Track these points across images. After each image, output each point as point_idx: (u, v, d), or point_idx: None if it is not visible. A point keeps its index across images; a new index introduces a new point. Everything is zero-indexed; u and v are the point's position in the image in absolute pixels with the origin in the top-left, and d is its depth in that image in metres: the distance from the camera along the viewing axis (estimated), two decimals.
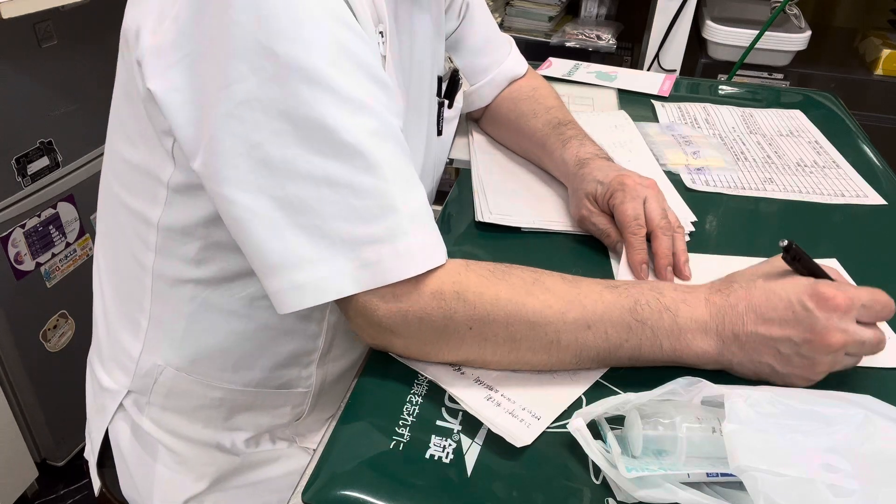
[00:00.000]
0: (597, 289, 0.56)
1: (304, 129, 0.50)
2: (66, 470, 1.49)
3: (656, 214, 0.70)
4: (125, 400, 0.72)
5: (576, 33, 1.77)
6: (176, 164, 0.59)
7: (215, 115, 0.51)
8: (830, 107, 1.17)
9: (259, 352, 0.69)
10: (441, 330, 0.54)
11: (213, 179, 0.53)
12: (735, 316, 0.55)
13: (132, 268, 0.67)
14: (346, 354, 0.74)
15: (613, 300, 0.56)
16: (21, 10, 1.08)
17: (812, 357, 0.53)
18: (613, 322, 0.55)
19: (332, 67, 0.50)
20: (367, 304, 0.53)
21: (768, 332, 0.54)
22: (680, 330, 0.55)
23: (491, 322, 0.54)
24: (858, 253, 0.76)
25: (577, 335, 0.55)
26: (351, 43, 0.52)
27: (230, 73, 0.50)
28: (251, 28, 0.48)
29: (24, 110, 1.24)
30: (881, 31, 1.75)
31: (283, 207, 0.51)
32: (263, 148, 0.50)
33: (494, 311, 0.54)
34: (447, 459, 0.50)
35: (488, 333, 0.54)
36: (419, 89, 0.73)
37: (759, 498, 0.42)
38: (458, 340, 0.54)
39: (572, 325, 0.54)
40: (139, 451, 0.73)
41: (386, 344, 0.56)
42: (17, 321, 1.30)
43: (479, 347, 0.55)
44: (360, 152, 0.51)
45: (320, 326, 0.69)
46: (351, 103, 0.51)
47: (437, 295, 0.53)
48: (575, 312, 0.54)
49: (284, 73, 0.49)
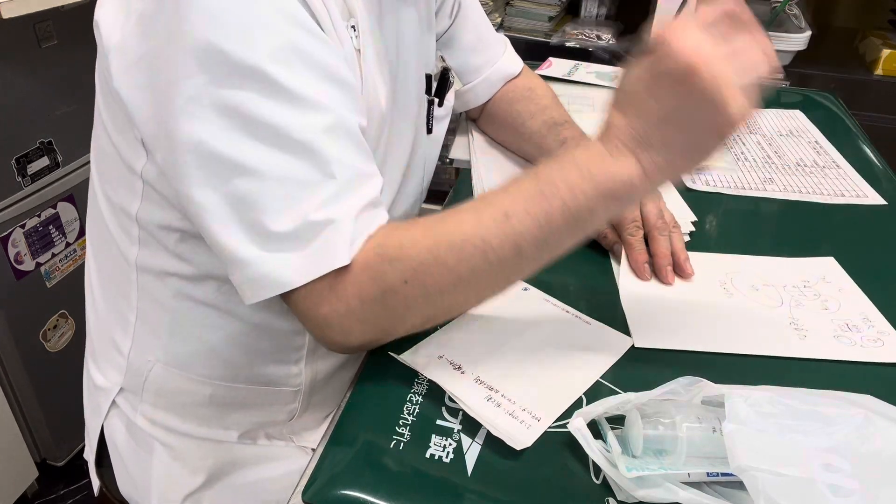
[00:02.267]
0: (496, 189, 0.54)
1: (252, 126, 0.50)
2: (66, 470, 1.49)
3: (652, 215, 0.70)
4: (118, 398, 0.73)
5: (576, 33, 1.77)
6: (148, 155, 0.59)
7: (168, 112, 0.52)
8: (830, 107, 1.17)
9: (243, 348, 0.69)
10: (381, 299, 0.53)
11: (170, 174, 0.54)
12: (621, 128, 0.51)
13: (119, 262, 0.67)
14: (335, 353, 0.74)
15: (515, 184, 0.54)
16: (21, 10, 1.08)
17: (695, 91, 0.46)
18: (526, 198, 0.52)
19: (281, 67, 0.50)
20: (310, 306, 0.53)
21: (652, 114, 0.49)
22: (589, 167, 0.51)
23: (419, 263, 0.52)
24: (858, 253, 0.76)
25: (503, 229, 0.52)
26: (302, 42, 0.52)
27: (181, 69, 0.50)
28: (202, 26, 0.49)
29: (24, 110, 1.24)
30: (881, 31, 1.75)
31: (231, 204, 0.51)
32: (210, 144, 0.51)
33: (418, 251, 0.52)
34: (447, 459, 0.50)
35: (424, 276, 0.52)
36: (406, 86, 0.73)
37: (760, 498, 0.42)
38: (403, 300, 0.53)
39: (491, 222, 0.52)
40: (134, 448, 0.73)
41: (343, 342, 0.55)
42: (17, 321, 1.30)
43: (425, 297, 0.53)
44: (309, 149, 0.51)
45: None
46: (300, 101, 0.51)
47: (366, 267, 0.52)
48: (488, 213, 0.52)
49: (233, 72, 0.49)
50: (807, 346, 0.62)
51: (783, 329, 0.64)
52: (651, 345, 0.61)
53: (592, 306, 0.66)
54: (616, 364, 0.59)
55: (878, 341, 0.63)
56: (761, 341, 0.62)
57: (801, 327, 0.64)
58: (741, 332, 0.64)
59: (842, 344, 0.62)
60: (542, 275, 0.69)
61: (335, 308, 0.53)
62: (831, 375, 0.59)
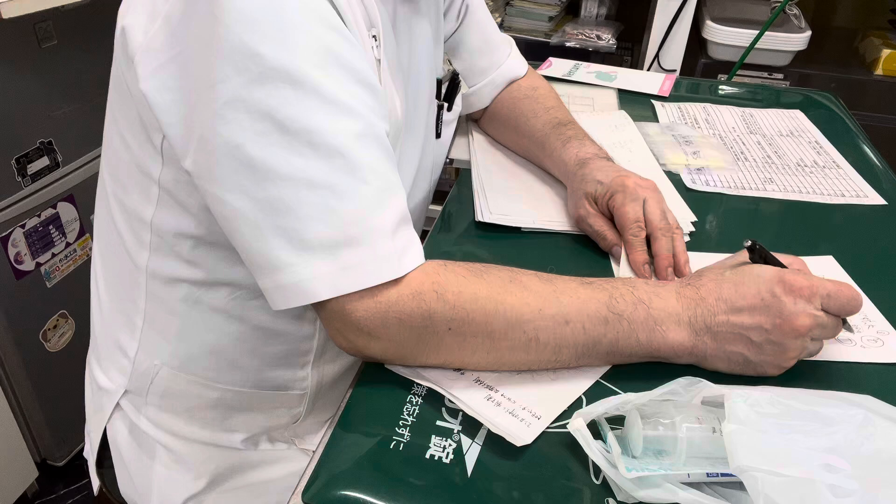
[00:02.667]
0: (572, 285, 0.57)
1: (286, 130, 0.50)
2: (66, 470, 1.49)
3: (656, 216, 0.70)
4: (122, 400, 0.72)
5: (576, 33, 1.77)
6: (164, 162, 0.59)
7: (202, 115, 0.52)
8: (830, 107, 1.17)
9: (252, 352, 0.69)
10: (420, 331, 0.53)
11: (203, 178, 0.54)
12: (706, 307, 0.57)
13: (127, 267, 0.67)
14: (342, 356, 0.74)
15: (589, 295, 0.56)
16: (21, 10, 1.08)
17: (782, 343, 0.55)
18: (590, 316, 0.55)
19: (317, 70, 0.50)
20: (345, 307, 0.53)
21: (739, 321, 0.55)
22: (654, 321, 0.56)
23: (470, 321, 0.53)
24: (858, 253, 0.76)
25: (556, 331, 0.55)
26: (337, 46, 0.52)
27: (216, 73, 0.50)
28: (238, 29, 0.49)
29: (24, 110, 1.23)
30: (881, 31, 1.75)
31: (264, 209, 0.51)
32: (245, 149, 0.50)
33: (473, 309, 0.53)
34: (447, 460, 0.50)
35: (467, 332, 0.54)
36: (417, 92, 0.73)
37: (759, 498, 0.42)
38: (437, 341, 0.54)
39: (550, 320, 0.54)
40: (137, 450, 0.73)
41: (362, 347, 0.55)
42: (17, 321, 1.30)
43: (458, 348, 0.55)
44: (342, 154, 0.51)
45: (314, 327, 0.69)
46: (335, 105, 0.51)
47: (417, 295, 0.53)
48: (552, 308, 0.55)
49: (269, 75, 0.49)
50: None
51: None
52: None
53: None
54: (616, 364, 0.59)
55: (877, 341, 0.63)
56: None
57: None
58: None
59: (841, 345, 0.62)
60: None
61: (372, 317, 0.53)
62: (831, 375, 0.59)
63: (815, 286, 0.55)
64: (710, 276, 0.59)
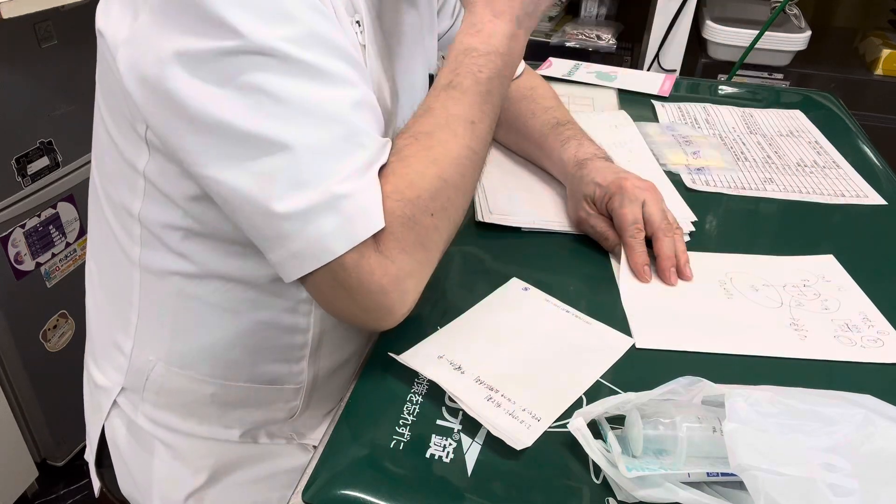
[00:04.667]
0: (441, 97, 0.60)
1: (280, 100, 0.50)
2: (66, 470, 1.49)
3: (657, 217, 0.70)
4: (119, 397, 0.72)
5: (576, 33, 1.77)
6: (150, 152, 0.59)
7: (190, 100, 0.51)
8: (830, 107, 1.17)
9: (247, 346, 0.69)
10: (418, 240, 0.55)
11: (195, 163, 0.54)
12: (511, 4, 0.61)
13: (120, 262, 0.67)
14: (338, 350, 0.74)
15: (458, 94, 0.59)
16: (21, 10, 1.08)
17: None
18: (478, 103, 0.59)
19: (303, 49, 0.51)
20: (363, 279, 0.53)
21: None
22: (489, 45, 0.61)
23: (436, 192, 0.55)
24: (858, 253, 0.76)
25: (476, 134, 0.58)
26: (321, 27, 0.52)
27: (202, 56, 0.50)
28: (221, 14, 0.49)
29: (24, 110, 1.24)
30: (881, 31, 1.75)
31: (262, 181, 0.51)
32: (238, 124, 0.50)
33: (430, 182, 0.55)
34: (447, 459, 0.50)
35: (444, 203, 0.56)
36: (409, 85, 0.73)
37: (760, 497, 0.42)
38: (435, 232, 0.56)
39: (465, 133, 0.58)
40: (136, 447, 0.73)
41: (402, 299, 0.55)
42: (17, 321, 1.30)
43: (448, 221, 0.57)
44: (339, 121, 0.52)
45: (308, 320, 0.69)
46: (326, 76, 0.52)
47: (393, 218, 0.53)
48: (457, 126, 0.58)
49: (257, 53, 0.50)
50: (807, 346, 0.62)
51: (783, 329, 0.64)
52: (651, 345, 0.61)
53: (593, 306, 0.66)
54: (616, 364, 0.59)
55: (877, 341, 0.63)
56: (761, 341, 0.62)
57: (801, 327, 0.64)
58: (741, 332, 0.64)
59: (841, 344, 0.62)
60: (543, 275, 0.70)
61: (387, 270, 0.53)
62: (831, 375, 0.59)
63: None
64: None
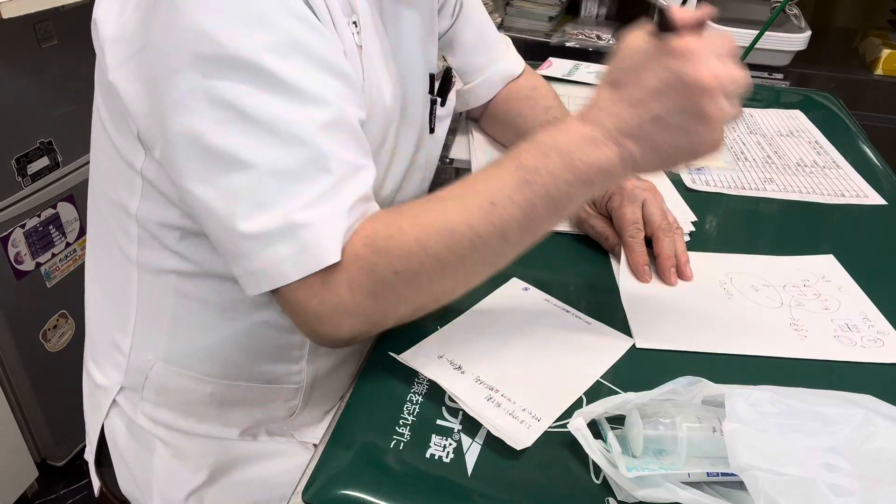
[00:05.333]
0: (479, 174, 0.55)
1: (248, 118, 0.50)
2: (66, 470, 1.49)
3: (657, 217, 0.70)
4: (118, 396, 0.73)
5: (576, 33, 1.77)
6: (146, 151, 0.59)
7: (165, 105, 0.52)
8: (830, 107, 1.17)
9: (245, 345, 0.69)
10: (372, 289, 0.53)
11: (170, 169, 0.54)
12: (611, 114, 0.52)
13: (119, 261, 0.67)
14: (336, 350, 0.74)
15: (499, 170, 0.54)
16: (21, 10, 1.08)
17: (699, 110, 0.50)
18: (511, 186, 0.53)
19: (281, 59, 0.50)
20: (299, 303, 0.53)
21: (648, 110, 0.51)
22: (570, 155, 0.52)
23: (409, 255, 0.52)
24: (858, 253, 0.76)
25: (489, 219, 0.52)
26: (302, 35, 0.52)
27: (177, 62, 0.50)
28: (199, 18, 0.49)
29: (24, 110, 1.23)
30: (881, 31, 1.75)
31: (225, 198, 0.51)
32: (207, 137, 0.50)
33: (405, 241, 0.52)
34: (447, 459, 0.50)
35: (414, 267, 0.52)
36: (411, 86, 0.73)
37: (760, 497, 0.42)
38: (393, 290, 0.53)
39: (478, 211, 0.53)
40: (135, 446, 0.73)
41: (335, 334, 0.54)
42: (17, 321, 1.30)
43: (416, 287, 0.53)
44: (305, 143, 0.51)
45: None
46: (299, 94, 0.51)
47: (354, 258, 0.52)
48: (473, 200, 0.53)
49: (231, 64, 0.49)
50: (807, 346, 0.62)
51: (783, 329, 0.64)
52: (652, 345, 0.61)
53: (592, 306, 0.66)
54: (616, 364, 0.59)
55: (877, 341, 0.63)
56: (761, 342, 0.62)
57: (801, 327, 0.64)
58: (741, 332, 0.64)
59: (841, 344, 0.62)
60: (543, 275, 0.70)
61: (325, 301, 0.52)
62: (831, 375, 0.59)
63: (701, 42, 0.50)
64: (598, 87, 0.55)
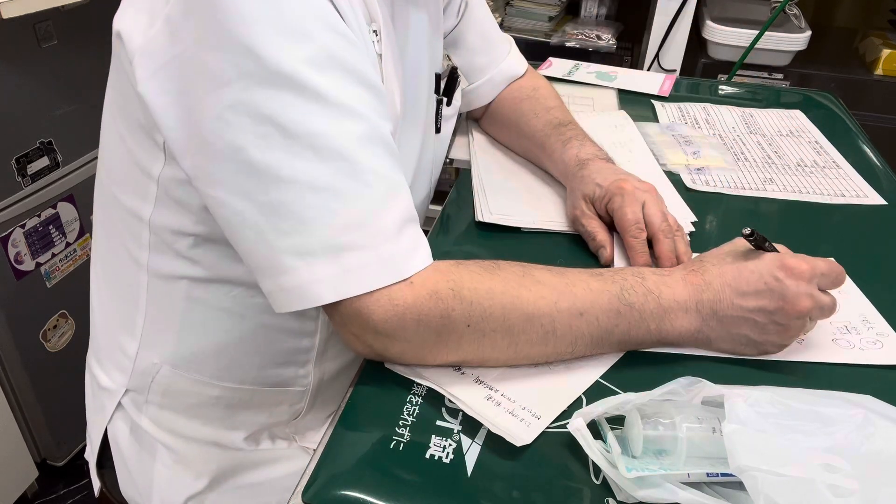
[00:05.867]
0: (584, 277, 0.58)
1: (289, 134, 0.50)
2: (66, 470, 1.49)
3: (657, 218, 0.70)
4: (123, 399, 0.72)
5: (576, 33, 1.77)
6: (167, 159, 0.59)
7: (203, 118, 0.51)
8: (830, 107, 1.17)
9: (254, 349, 0.69)
10: (440, 329, 0.53)
11: (202, 180, 0.54)
12: (712, 293, 0.59)
13: (128, 265, 0.67)
14: (344, 353, 0.74)
15: (601, 287, 0.57)
16: (21, 10, 1.08)
17: (785, 323, 0.58)
18: (603, 308, 0.57)
19: (319, 73, 0.50)
20: (361, 310, 0.52)
21: (745, 304, 0.58)
22: (664, 311, 0.58)
23: (488, 317, 0.54)
24: (859, 253, 0.76)
25: (571, 323, 0.56)
26: (338, 48, 0.52)
27: (217, 76, 0.50)
28: (238, 32, 0.49)
29: (24, 110, 1.23)
30: (881, 31, 1.75)
31: (266, 212, 0.51)
32: (248, 152, 0.50)
33: (491, 305, 0.54)
34: (447, 459, 0.50)
35: (486, 329, 0.54)
36: (417, 87, 0.73)
37: (760, 498, 0.42)
38: (457, 340, 0.54)
39: (566, 313, 0.55)
40: (138, 450, 0.73)
41: (381, 350, 0.56)
42: (17, 321, 1.30)
43: (477, 345, 0.55)
44: (344, 158, 0.51)
45: (315, 324, 0.69)
46: (337, 108, 0.51)
47: (434, 295, 0.53)
48: (567, 301, 0.56)
49: (270, 79, 0.49)
50: (805, 349, 0.62)
51: None
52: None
53: None
54: (616, 364, 0.59)
55: (877, 343, 0.63)
56: None
57: None
58: None
59: (840, 347, 0.62)
60: None
61: (389, 319, 0.52)
62: (831, 376, 0.59)
63: (813, 268, 0.57)
64: (712, 261, 0.61)
